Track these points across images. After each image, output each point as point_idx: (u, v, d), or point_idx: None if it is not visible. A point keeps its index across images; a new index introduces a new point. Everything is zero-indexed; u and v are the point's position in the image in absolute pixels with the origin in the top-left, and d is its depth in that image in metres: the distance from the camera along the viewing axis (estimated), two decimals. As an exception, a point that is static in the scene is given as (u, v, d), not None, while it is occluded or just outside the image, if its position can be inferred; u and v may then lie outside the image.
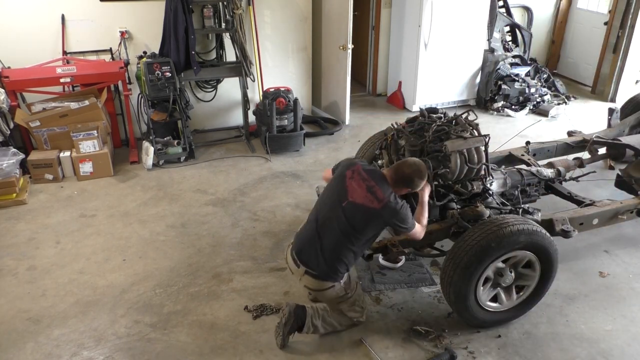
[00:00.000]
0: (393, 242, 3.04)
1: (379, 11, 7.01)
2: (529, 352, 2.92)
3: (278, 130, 5.49)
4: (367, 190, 2.74)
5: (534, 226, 2.87)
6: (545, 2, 8.08)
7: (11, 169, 4.44)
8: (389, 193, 2.74)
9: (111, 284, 3.47)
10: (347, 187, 2.78)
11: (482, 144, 3.13)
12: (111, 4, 5.24)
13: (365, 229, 2.73)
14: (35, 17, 5.05)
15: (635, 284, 3.51)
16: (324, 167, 5.25)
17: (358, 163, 2.88)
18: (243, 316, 3.18)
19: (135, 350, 2.91)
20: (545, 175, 3.78)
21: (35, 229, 4.11)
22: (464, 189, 3.21)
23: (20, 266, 3.66)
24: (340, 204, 2.77)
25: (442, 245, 3.38)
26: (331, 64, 6.32)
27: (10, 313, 3.20)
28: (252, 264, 3.70)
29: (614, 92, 7.21)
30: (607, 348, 2.96)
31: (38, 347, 2.94)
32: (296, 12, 6.02)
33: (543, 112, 6.78)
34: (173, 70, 5.02)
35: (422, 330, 3.04)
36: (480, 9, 6.65)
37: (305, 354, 2.90)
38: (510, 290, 3.04)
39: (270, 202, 4.55)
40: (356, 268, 3.63)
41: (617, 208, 3.51)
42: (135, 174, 5.04)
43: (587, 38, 7.82)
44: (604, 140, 4.39)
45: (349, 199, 2.75)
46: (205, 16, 5.36)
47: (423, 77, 6.67)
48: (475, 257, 2.77)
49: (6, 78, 4.73)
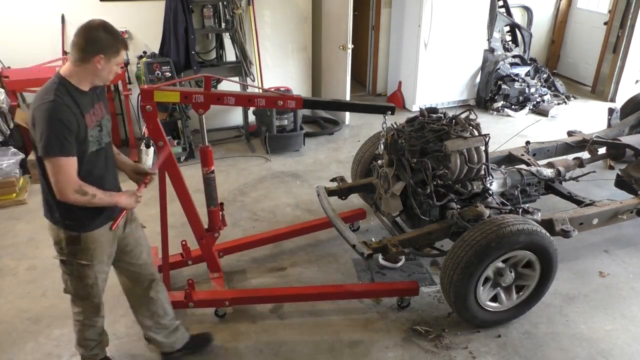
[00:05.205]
0: (393, 242, 3.04)
1: (379, 11, 7.01)
2: (528, 352, 2.92)
3: (278, 130, 5.50)
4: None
5: (534, 226, 2.87)
6: (545, 2, 8.08)
7: (11, 169, 4.44)
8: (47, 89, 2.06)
9: (111, 284, 3.46)
10: None
11: (482, 144, 3.13)
12: (111, 4, 5.24)
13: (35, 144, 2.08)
14: (35, 17, 5.05)
15: (635, 284, 3.51)
16: (324, 167, 5.26)
17: None
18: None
19: (135, 350, 2.91)
20: (545, 175, 3.78)
21: (35, 229, 4.11)
22: (464, 188, 3.21)
23: (20, 266, 3.66)
24: None
25: (442, 245, 3.37)
26: (331, 63, 6.32)
27: (10, 313, 3.20)
28: (252, 264, 3.70)
29: (614, 92, 7.22)
30: (607, 348, 2.96)
31: (38, 347, 2.94)
32: (296, 12, 6.02)
33: (543, 112, 6.78)
34: (173, 70, 5.02)
35: (422, 330, 3.05)
36: (480, 9, 6.65)
37: (306, 354, 2.90)
38: (510, 290, 3.05)
39: (270, 202, 4.56)
40: (356, 268, 3.63)
41: (617, 208, 3.51)
42: (135, 174, 5.03)
43: (587, 38, 7.82)
44: (603, 140, 4.39)
45: None
46: (205, 16, 5.36)
47: (423, 77, 6.68)
48: (475, 256, 2.77)
49: (6, 78, 4.73)
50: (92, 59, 2.06)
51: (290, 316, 3.19)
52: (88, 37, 2.07)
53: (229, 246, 3.61)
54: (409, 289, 3.20)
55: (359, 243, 3.05)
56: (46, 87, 2.07)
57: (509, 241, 2.78)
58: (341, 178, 3.90)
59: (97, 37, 2.07)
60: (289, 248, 3.88)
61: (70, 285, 2.44)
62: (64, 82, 2.08)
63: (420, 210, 3.19)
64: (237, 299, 3.13)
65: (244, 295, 3.22)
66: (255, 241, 3.70)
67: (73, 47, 2.08)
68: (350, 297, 3.29)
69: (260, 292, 3.30)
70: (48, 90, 2.05)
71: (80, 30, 2.08)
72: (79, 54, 2.07)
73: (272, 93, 3.13)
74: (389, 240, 3.07)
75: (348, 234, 3.20)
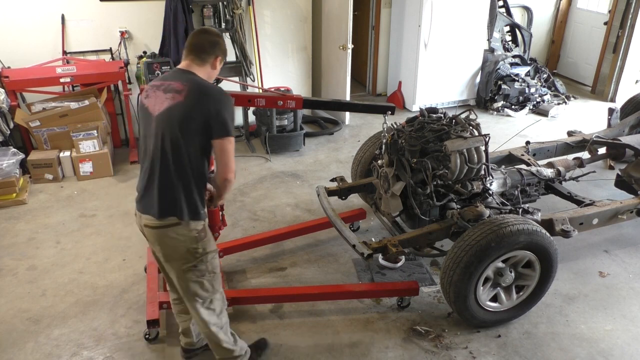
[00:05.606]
0: (393, 242, 3.04)
1: (379, 11, 7.01)
2: (528, 352, 2.92)
3: (278, 130, 5.50)
4: (163, 92, 2.26)
5: (534, 226, 2.87)
6: (545, 2, 8.08)
7: (11, 169, 4.44)
8: (189, 77, 2.27)
9: (111, 284, 3.47)
10: (148, 108, 2.30)
11: (482, 144, 3.13)
12: (111, 4, 5.24)
13: (185, 135, 2.20)
14: (35, 17, 5.05)
15: (635, 284, 3.51)
16: (324, 167, 5.26)
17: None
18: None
19: (135, 350, 2.91)
20: (545, 175, 3.79)
21: (35, 229, 4.11)
22: (464, 188, 3.21)
23: (20, 266, 3.66)
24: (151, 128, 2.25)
25: (442, 245, 3.38)
26: (331, 63, 6.32)
27: (10, 313, 3.20)
28: (252, 264, 3.70)
29: (614, 92, 7.22)
30: (607, 348, 2.96)
31: (38, 347, 2.94)
32: (296, 12, 6.02)
33: (543, 112, 6.78)
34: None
35: (422, 330, 3.05)
36: (480, 9, 6.65)
37: (306, 354, 2.90)
38: (510, 290, 3.05)
39: (270, 202, 4.56)
40: (356, 268, 3.64)
41: (617, 208, 3.51)
42: (135, 174, 5.04)
43: (587, 38, 7.82)
44: (603, 140, 4.39)
45: (155, 114, 2.25)
46: (205, 16, 5.36)
47: (423, 77, 6.68)
48: (475, 256, 2.77)
49: (6, 78, 4.73)
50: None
51: (290, 316, 3.19)
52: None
53: (229, 246, 3.61)
54: (409, 289, 3.20)
55: (359, 243, 3.05)
56: (211, 84, 2.33)
57: (509, 241, 2.78)
58: (341, 178, 3.90)
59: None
60: (289, 248, 3.88)
61: (209, 284, 2.42)
62: None
63: (420, 210, 3.19)
64: (237, 298, 3.13)
65: (244, 295, 3.22)
66: (255, 241, 3.70)
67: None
68: (350, 297, 3.29)
69: (260, 292, 3.30)
70: (215, 86, 2.38)
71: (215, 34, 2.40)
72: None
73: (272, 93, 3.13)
74: (389, 240, 3.07)
75: (348, 234, 3.20)
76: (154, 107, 2.26)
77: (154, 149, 2.23)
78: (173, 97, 2.21)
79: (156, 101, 2.26)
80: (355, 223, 4.10)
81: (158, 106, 2.24)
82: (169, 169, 2.21)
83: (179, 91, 2.22)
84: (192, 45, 2.33)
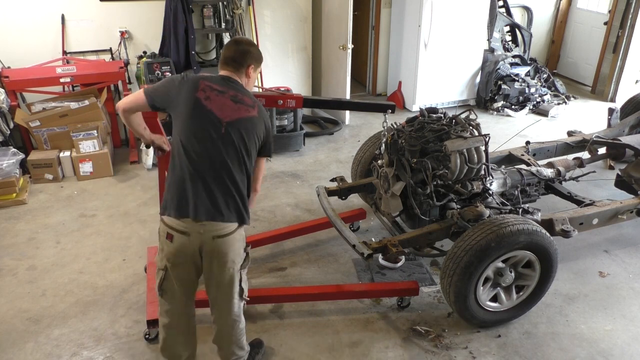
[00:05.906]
0: (393, 242, 3.04)
1: (379, 11, 7.01)
2: (528, 352, 2.92)
3: (278, 130, 5.49)
4: (232, 101, 2.32)
5: (534, 226, 2.87)
6: (545, 2, 8.08)
7: (11, 169, 4.44)
8: (247, 92, 2.42)
9: (111, 284, 3.47)
10: (212, 110, 2.28)
11: (482, 144, 3.13)
12: (111, 4, 5.24)
13: (252, 146, 2.36)
14: (35, 17, 5.05)
15: (635, 284, 3.51)
16: (324, 167, 5.26)
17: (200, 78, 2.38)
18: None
19: (135, 350, 2.91)
20: (545, 175, 3.79)
21: (35, 229, 4.11)
22: (464, 188, 3.21)
23: (20, 266, 3.66)
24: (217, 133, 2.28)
25: (442, 245, 3.38)
26: (331, 63, 6.32)
27: (10, 313, 3.20)
28: (252, 264, 3.69)
29: (614, 92, 7.22)
30: (607, 348, 2.96)
31: (38, 347, 2.94)
32: (296, 12, 6.02)
33: (543, 112, 6.78)
34: (173, 70, 5.02)
35: (422, 330, 3.05)
36: (480, 9, 6.65)
37: (306, 354, 2.90)
38: (510, 290, 3.04)
39: (270, 202, 4.56)
40: (356, 268, 3.64)
41: (617, 208, 3.51)
42: (135, 174, 5.04)
43: (587, 38, 7.82)
44: (603, 140, 4.39)
45: (226, 120, 2.28)
46: (205, 16, 5.37)
47: (423, 77, 6.68)
48: (475, 257, 2.77)
49: (6, 78, 4.73)
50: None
51: (290, 316, 3.19)
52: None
53: (229, 246, 3.60)
54: (409, 289, 3.20)
55: (359, 243, 3.05)
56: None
57: (509, 241, 2.78)
58: (341, 178, 3.90)
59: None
60: (289, 248, 3.88)
61: (244, 286, 2.49)
62: None
63: (420, 210, 3.19)
64: (237, 299, 3.12)
65: (244, 295, 3.21)
66: (255, 241, 3.69)
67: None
68: (350, 297, 3.29)
69: (260, 292, 3.30)
70: None
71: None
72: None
73: (272, 92, 3.13)
74: (389, 240, 3.07)
75: (348, 234, 3.20)
76: (222, 112, 2.29)
77: (216, 153, 2.27)
78: (247, 110, 2.34)
79: (223, 107, 2.30)
80: (355, 223, 4.10)
81: (228, 113, 2.29)
82: (234, 176, 2.30)
83: (250, 105, 2.36)
84: (225, 58, 2.41)
